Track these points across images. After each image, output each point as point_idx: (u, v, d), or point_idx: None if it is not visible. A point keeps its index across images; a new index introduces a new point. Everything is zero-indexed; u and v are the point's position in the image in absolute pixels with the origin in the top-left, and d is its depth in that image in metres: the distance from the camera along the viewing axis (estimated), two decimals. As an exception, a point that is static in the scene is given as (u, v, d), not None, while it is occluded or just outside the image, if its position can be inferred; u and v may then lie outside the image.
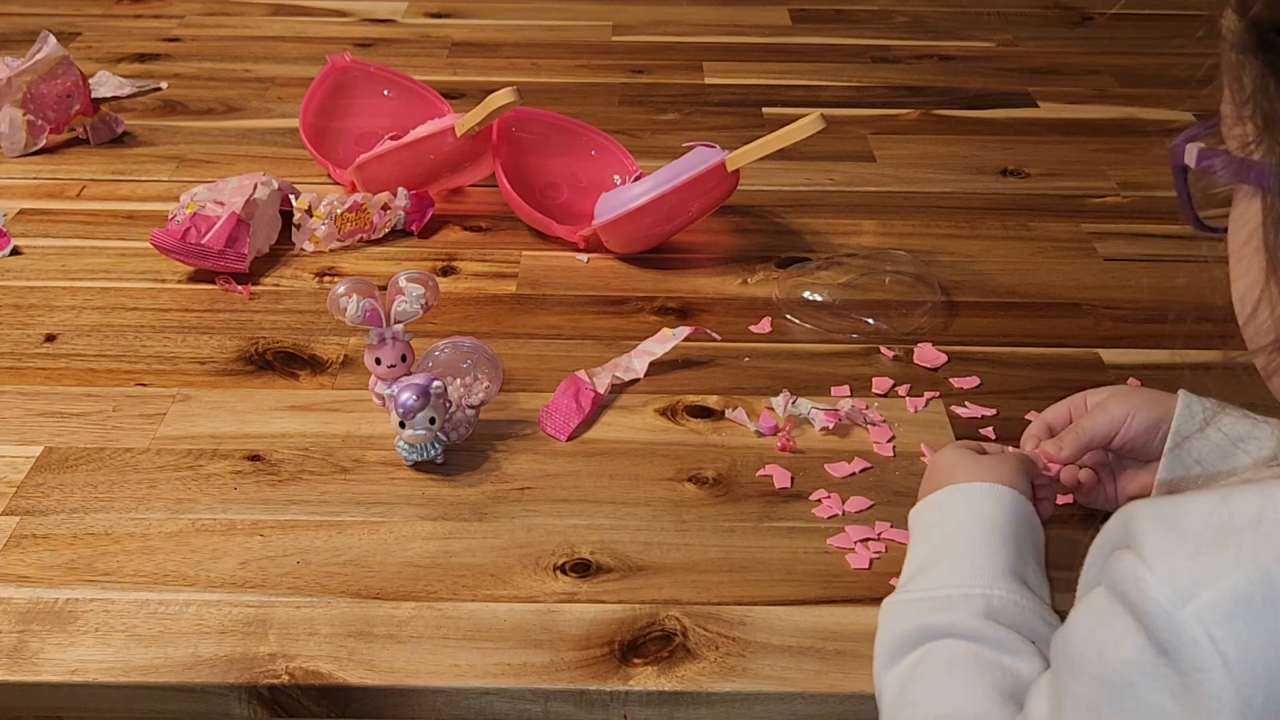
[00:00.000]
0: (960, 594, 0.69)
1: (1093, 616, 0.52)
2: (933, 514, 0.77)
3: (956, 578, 0.71)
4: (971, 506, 0.75)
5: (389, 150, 1.21)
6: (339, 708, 0.75)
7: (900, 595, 0.73)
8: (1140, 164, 1.37)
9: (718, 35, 1.72)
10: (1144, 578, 0.48)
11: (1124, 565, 0.50)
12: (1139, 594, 0.48)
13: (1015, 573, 0.71)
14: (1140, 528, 0.50)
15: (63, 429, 0.95)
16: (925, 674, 0.68)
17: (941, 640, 0.68)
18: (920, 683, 0.67)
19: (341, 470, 0.91)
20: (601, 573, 0.83)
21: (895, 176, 1.34)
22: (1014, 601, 0.69)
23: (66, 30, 1.69)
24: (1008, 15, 1.80)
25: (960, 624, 0.68)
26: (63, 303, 1.10)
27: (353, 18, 1.76)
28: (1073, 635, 0.53)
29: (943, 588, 0.71)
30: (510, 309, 1.11)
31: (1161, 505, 0.51)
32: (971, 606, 0.69)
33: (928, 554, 0.74)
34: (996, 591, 0.69)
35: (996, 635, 0.67)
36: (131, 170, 1.33)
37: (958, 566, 0.72)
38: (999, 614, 0.68)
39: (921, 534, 0.76)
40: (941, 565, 0.72)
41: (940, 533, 0.75)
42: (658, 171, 1.13)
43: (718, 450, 0.94)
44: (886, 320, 1.08)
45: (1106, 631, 0.50)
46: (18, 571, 0.82)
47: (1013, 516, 0.74)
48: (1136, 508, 0.52)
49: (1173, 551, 0.48)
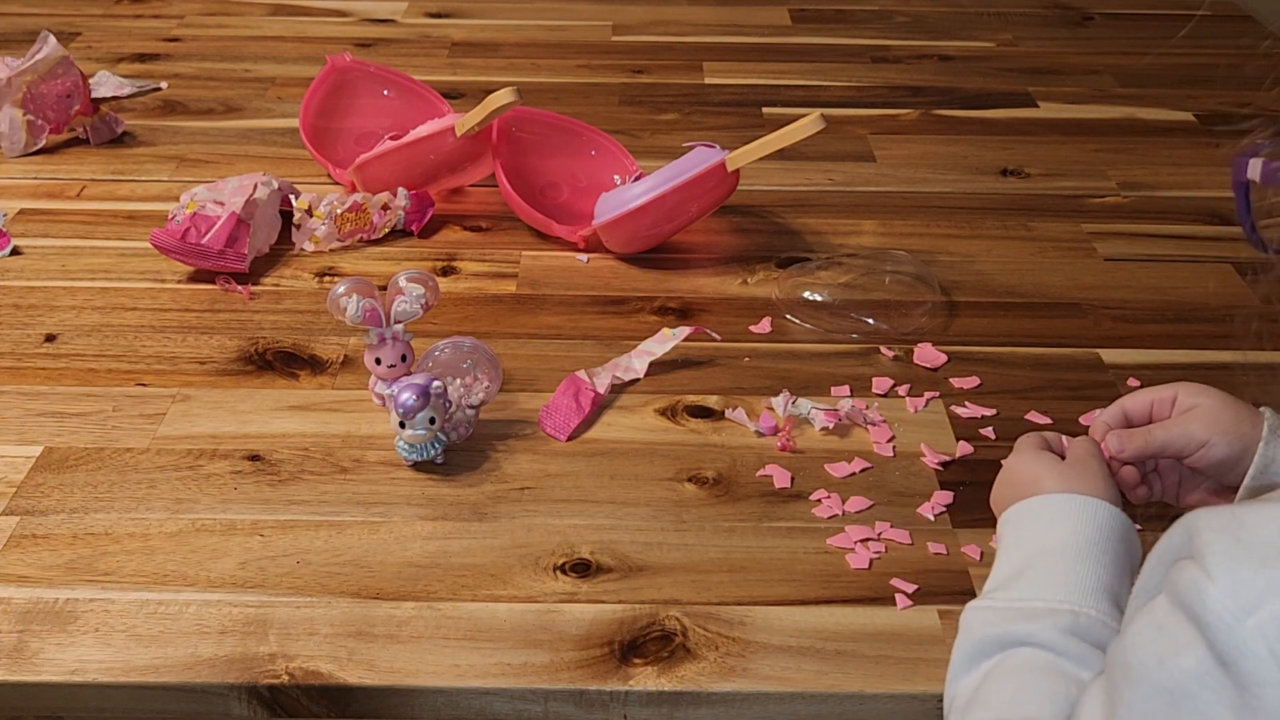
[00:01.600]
0: (1047, 607, 0.67)
1: (1153, 625, 0.51)
2: (1026, 523, 0.74)
3: (1046, 591, 0.68)
4: (1069, 519, 0.72)
5: (389, 150, 1.21)
6: (339, 708, 0.75)
7: (984, 601, 0.70)
8: (1140, 164, 1.37)
9: (718, 35, 1.72)
10: (1206, 589, 0.48)
11: (1187, 575, 0.49)
12: (1200, 605, 0.48)
13: (1109, 591, 0.69)
14: (1204, 539, 0.50)
15: (63, 429, 0.95)
16: (1001, 680, 0.66)
17: (1021, 648, 0.66)
18: (995, 687, 0.66)
19: (341, 470, 0.91)
20: (601, 573, 0.83)
21: (895, 176, 1.34)
22: (1102, 622, 0.67)
23: (66, 30, 1.69)
24: (1008, 15, 1.80)
25: (1039, 635, 0.66)
26: (63, 303, 1.10)
27: (353, 18, 1.76)
28: (1132, 642, 0.53)
29: (1031, 599, 0.68)
30: (510, 309, 1.11)
31: (1225, 516, 0.50)
32: (1057, 620, 0.66)
33: (1018, 564, 0.71)
34: (1086, 609, 0.67)
35: (1078, 651, 0.65)
36: (131, 170, 1.33)
37: (1049, 580, 0.69)
38: (1084, 631, 0.66)
39: (1012, 542, 0.73)
40: (1031, 576, 0.70)
41: (1033, 543, 0.72)
42: (658, 171, 1.13)
43: (718, 450, 0.94)
44: (886, 320, 1.08)
45: (1168, 640, 0.50)
46: (18, 571, 0.82)
47: (1111, 534, 0.71)
48: (1200, 518, 0.51)
49: (1237, 563, 0.48)
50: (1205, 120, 1.47)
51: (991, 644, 0.67)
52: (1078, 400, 0.97)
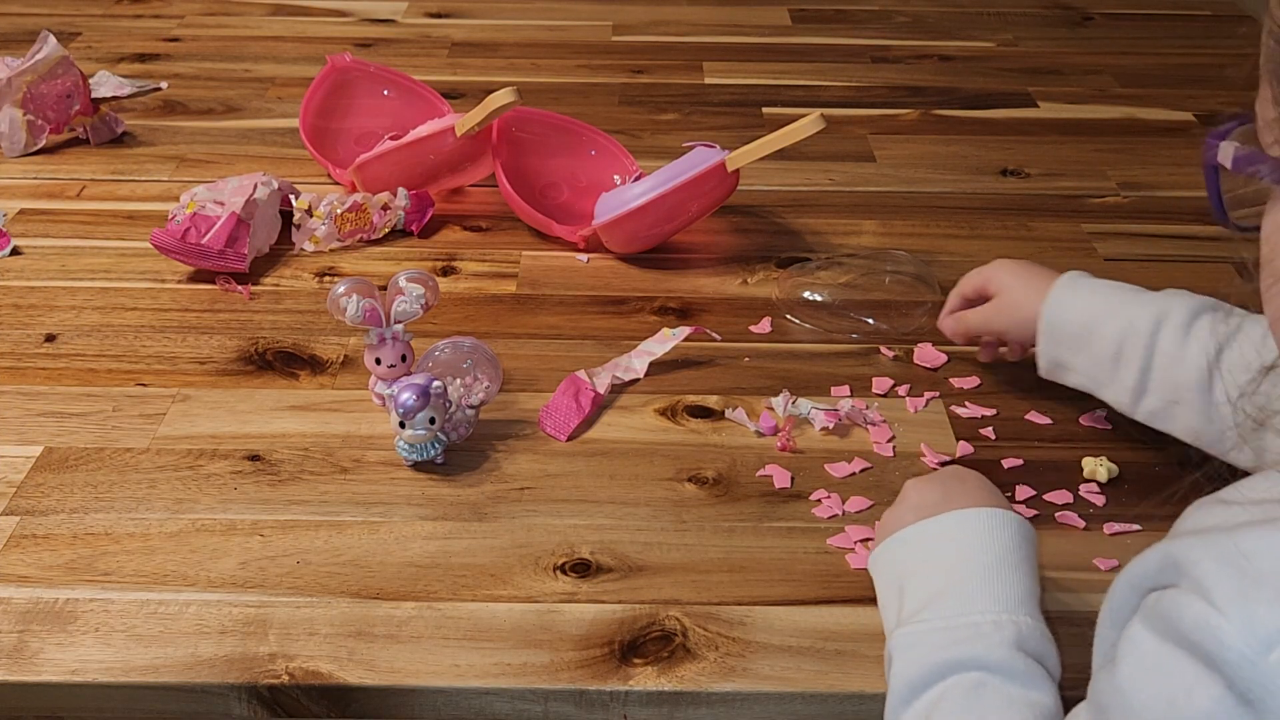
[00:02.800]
0: (990, 621, 0.67)
1: (1150, 664, 0.50)
2: (935, 542, 0.73)
3: (982, 603, 0.68)
4: (981, 533, 0.72)
5: (389, 150, 1.21)
6: (339, 708, 0.75)
7: (917, 625, 0.69)
8: (1140, 164, 1.37)
9: (718, 35, 1.72)
10: (1220, 625, 0.47)
11: (1191, 613, 0.48)
12: (1215, 642, 0.47)
13: (1035, 597, 0.70)
14: (1203, 570, 0.48)
15: (63, 429, 0.95)
16: (953, 714, 0.65)
17: (968, 674, 0.65)
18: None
19: (341, 470, 0.91)
20: (601, 573, 0.83)
21: (895, 176, 1.34)
22: (1040, 630, 0.68)
23: (66, 30, 1.69)
24: (1008, 15, 1.80)
25: (989, 656, 0.65)
26: (63, 303, 1.10)
27: (353, 18, 1.76)
28: (1130, 684, 0.51)
29: (968, 614, 0.68)
30: (510, 309, 1.11)
31: (1224, 546, 0.49)
32: (1003, 635, 0.66)
33: (941, 580, 0.71)
34: (1024, 619, 0.67)
35: (1025, 669, 0.65)
36: (131, 170, 1.33)
37: (981, 591, 0.69)
38: (1027, 642, 0.66)
39: (924, 559, 0.73)
40: (961, 590, 0.69)
41: (949, 559, 0.72)
42: (658, 171, 1.13)
43: (718, 450, 0.94)
44: (886, 320, 1.08)
45: (1174, 681, 0.48)
46: (18, 571, 0.82)
47: (1021, 542, 0.72)
48: (1192, 549, 0.50)
49: (1248, 598, 0.47)
50: (1205, 120, 1.47)
51: (935, 670, 0.66)
52: (1078, 400, 0.97)
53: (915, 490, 0.78)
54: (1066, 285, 0.91)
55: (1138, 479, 0.91)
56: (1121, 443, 0.94)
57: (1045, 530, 0.86)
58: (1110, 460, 0.92)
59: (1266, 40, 0.55)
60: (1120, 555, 0.84)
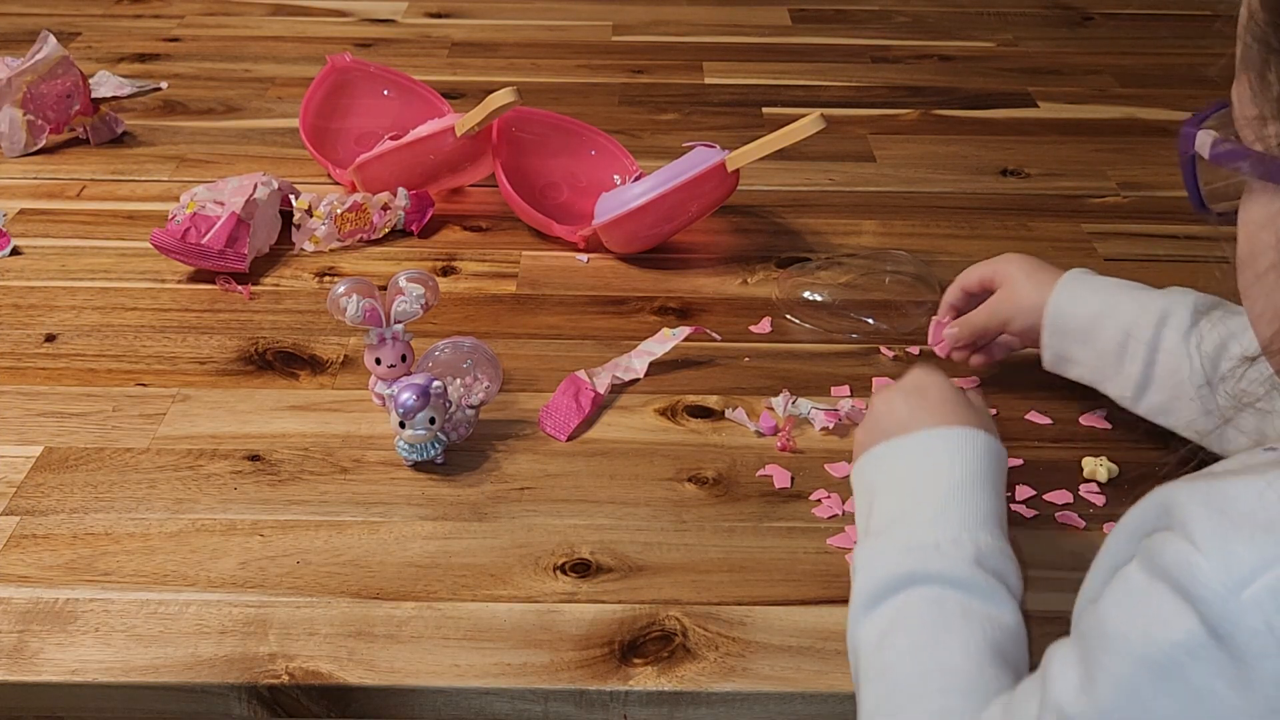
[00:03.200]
0: (949, 539, 0.69)
1: (1133, 595, 0.51)
2: (904, 461, 0.75)
3: (943, 522, 0.70)
4: (951, 451, 0.74)
5: (389, 150, 1.21)
6: (339, 708, 0.75)
7: (879, 540, 0.71)
8: (1140, 164, 1.37)
9: (718, 35, 1.72)
10: (1197, 563, 0.48)
11: (1172, 549, 0.49)
12: (1190, 579, 0.48)
13: (999, 518, 0.72)
14: (1187, 512, 0.50)
15: (63, 429, 0.95)
16: (913, 624, 0.67)
17: (926, 586, 0.67)
18: (907, 633, 0.66)
19: (341, 470, 0.91)
20: (601, 573, 0.83)
21: (895, 176, 1.34)
22: (999, 548, 0.69)
23: (66, 30, 1.69)
24: (1008, 15, 1.80)
25: (949, 571, 0.67)
26: (63, 303, 1.10)
27: (353, 18, 1.76)
28: (1110, 612, 0.52)
29: (929, 532, 0.70)
30: (510, 309, 1.11)
31: (1207, 490, 0.50)
32: (962, 552, 0.68)
33: (905, 499, 0.73)
34: (983, 537, 0.69)
35: (985, 584, 0.67)
36: (131, 170, 1.33)
37: (943, 511, 0.71)
38: (986, 559, 0.68)
39: (892, 477, 0.75)
40: (923, 510, 0.71)
41: (917, 477, 0.73)
42: (658, 171, 1.13)
43: (718, 450, 0.94)
44: (886, 320, 1.08)
45: (1153, 612, 0.50)
46: (18, 571, 0.82)
47: (990, 462, 0.74)
48: (1179, 491, 0.51)
49: (1226, 537, 0.48)
50: (1204, 120, 1.47)
51: (895, 582, 0.68)
52: (1078, 400, 0.97)
53: (883, 404, 0.79)
54: (1072, 280, 0.91)
55: (1138, 479, 0.91)
56: (1121, 443, 0.94)
57: (1045, 530, 0.86)
58: (1110, 460, 0.92)
59: (1243, 36, 0.55)
60: (1120, 555, 0.84)
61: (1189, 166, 0.59)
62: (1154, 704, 0.49)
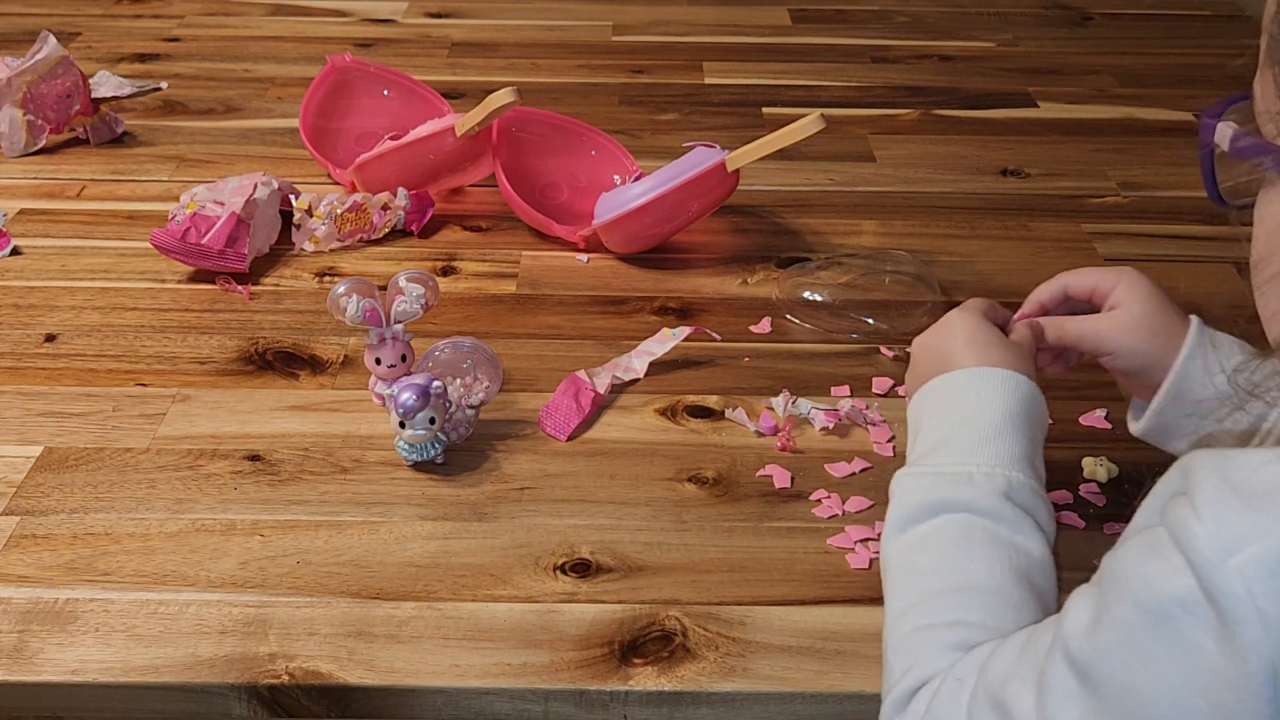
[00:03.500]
0: (983, 472, 0.71)
1: (1145, 545, 0.52)
2: (951, 393, 0.78)
3: (977, 456, 0.73)
4: (992, 392, 0.76)
5: (389, 150, 1.21)
6: (339, 708, 0.75)
7: (916, 469, 0.75)
8: (1140, 164, 1.37)
9: (718, 35, 1.72)
10: (1193, 526, 0.49)
11: (1178, 511, 0.50)
12: (1186, 541, 0.49)
13: (1030, 460, 0.74)
14: (1195, 476, 0.51)
15: (63, 429, 0.95)
16: (939, 544, 0.70)
17: (957, 514, 0.70)
18: (933, 552, 0.70)
19: (341, 470, 0.91)
20: (601, 573, 0.83)
21: (895, 176, 1.34)
22: (1030, 486, 0.72)
23: (66, 30, 1.69)
24: (1008, 15, 1.80)
25: (979, 501, 0.70)
26: (63, 303, 1.10)
27: (353, 18, 1.76)
28: (1122, 559, 0.53)
29: (963, 464, 0.72)
30: (510, 309, 1.11)
31: (1218, 456, 0.51)
32: (993, 485, 0.71)
33: (945, 431, 0.76)
34: (1014, 474, 0.72)
35: (1013, 515, 0.70)
36: (131, 170, 1.33)
37: (978, 446, 0.73)
38: (1015, 493, 0.71)
39: (937, 411, 0.78)
40: (959, 443, 0.74)
41: (959, 413, 0.76)
42: (658, 171, 1.13)
43: (718, 450, 0.94)
44: (886, 320, 1.08)
45: (1158, 563, 0.50)
46: (18, 571, 0.82)
47: (1029, 407, 0.76)
48: (1195, 456, 0.52)
49: (1222, 503, 0.49)
50: (1205, 120, 1.47)
51: (926, 509, 0.72)
52: (1078, 400, 0.97)
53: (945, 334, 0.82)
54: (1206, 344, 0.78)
55: (1138, 479, 0.91)
56: (1121, 443, 0.94)
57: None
58: (1110, 460, 0.92)
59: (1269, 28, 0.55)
60: (1120, 555, 0.84)
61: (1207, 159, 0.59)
62: (1147, 650, 0.50)
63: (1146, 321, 0.80)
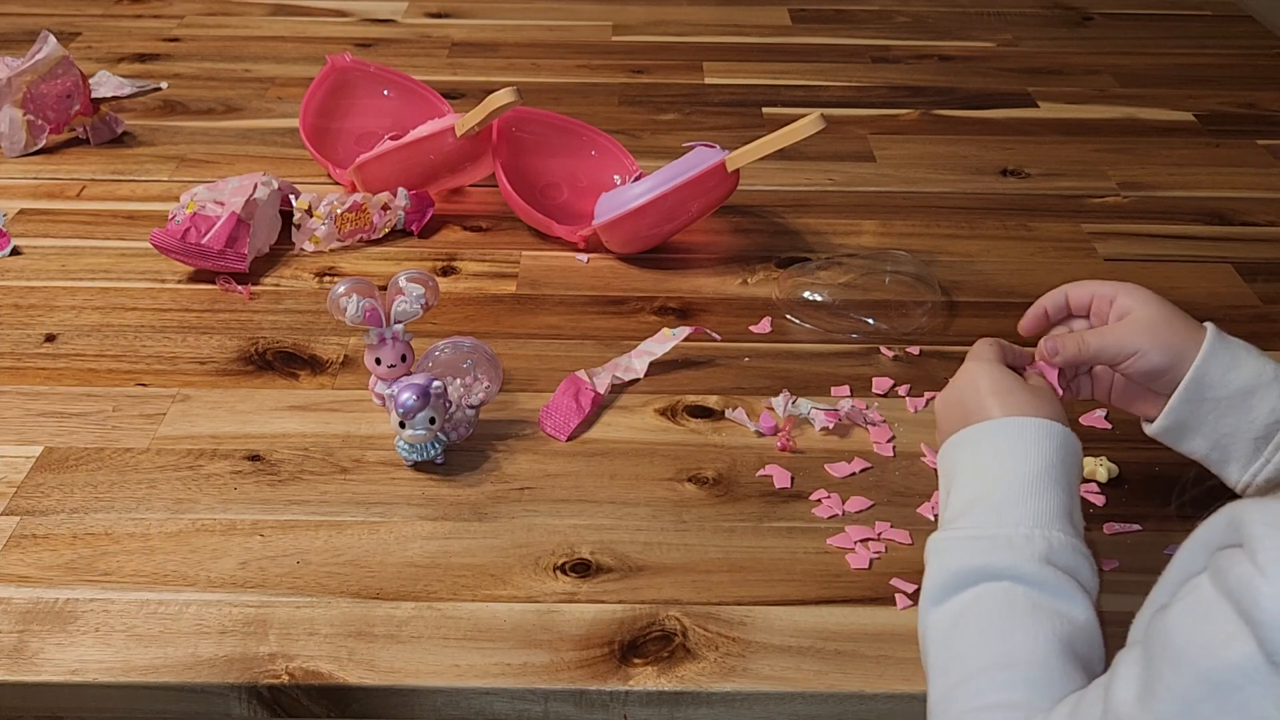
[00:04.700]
0: (1022, 535, 0.68)
1: (1199, 610, 0.51)
2: (983, 449, 0.74)
3: (1015, 515, 0.69)
4: (1027, 443, 0.73)
5: (389, 150, 1.21)
6: (339, 708, 0.75)
7: (951, 532, 0.71)
8: (1140, 164, 1.37)
9: (718, 35, 1.72)
10: (1259, 587, 0.48)
11: (1238, 569, 0.49)
12: (1252, 602, 0.48)
13: (1069, 513, 0.71)
14: (1254, 532, 0.49)
15: (63, 429, 0.95)
16: (981, 617, 0.67)
17: (998, 583, 0.67)
18: (975, 625, 0.66)
19: (341, 470, 0.91)
20: (601, 573, 0.83)
21: (895, 176, 1.34)
22: (1071, 545, 0.69)
23: (66, 30, 1.69)
24: (1008, 15, 1.80)
25: (1019, 567, 0.67)
26: (63, 303, 1.10)
27: (353, 18, 1.76)
28: (1174, 625, 0.52)
29: (1000, 526, 0.69)
30: (510, 309, 1.11)
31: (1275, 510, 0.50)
32: (1033, 549, 0.68)
33: (979, 488, 0.72)
34: (1055, 534, 0.69)
35: (1055, 581, 0.67)
36: (131, 170, 1.33)
37: (1016, 504, 0.70)
38: (1057, 556, 0.68)
39: (969, 469, 0.74)
40: (995, 500, 0.71)
41: (993, 469, 0.73)
42: (658, 171, 1.13)
43: (718, 450, 0.94)
44: (886, 320, 1.08)
45: (1215, 630, 0.49)
46: (18, 571, 0.82)
47: (1065, 456, 0.73)
48: (1249, 509, 0.51)
49: None
50: (1205, 120, 1.47)
51: (965, 576, 0.68)
52: (1078, 400, 0.97)
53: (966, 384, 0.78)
54: (1221, 343, 0.79)
55: (1138, 479, 0.91)
56: (1121, 443, 0.94)
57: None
58: (1110, 460, 0.92)
59: None
60: (1120, 555, 0.84)
61: None
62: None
63: (1162, 320, 0.80)
